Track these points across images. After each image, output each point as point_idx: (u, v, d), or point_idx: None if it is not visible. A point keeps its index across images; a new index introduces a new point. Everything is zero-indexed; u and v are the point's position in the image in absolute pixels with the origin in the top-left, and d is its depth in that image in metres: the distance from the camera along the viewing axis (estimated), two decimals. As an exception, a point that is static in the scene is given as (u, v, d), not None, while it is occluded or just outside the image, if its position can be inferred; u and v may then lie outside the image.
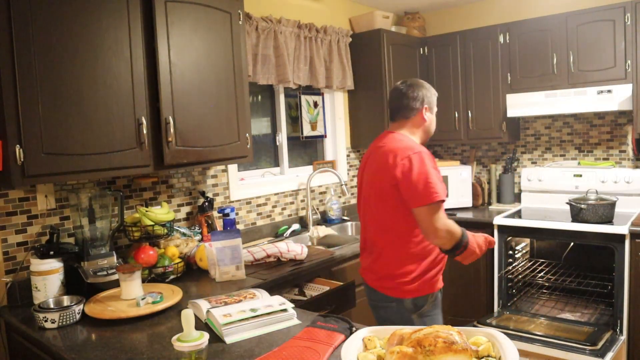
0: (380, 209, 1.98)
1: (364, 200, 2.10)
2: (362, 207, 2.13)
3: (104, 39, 1.94)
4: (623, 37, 3.11)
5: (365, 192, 2.08)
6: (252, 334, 1.60)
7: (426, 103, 2.07)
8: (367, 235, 2.10)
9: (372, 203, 2.01)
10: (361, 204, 2.13)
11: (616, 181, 3.38)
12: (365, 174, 2.10)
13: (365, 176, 2.09)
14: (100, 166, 1.94)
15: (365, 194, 2.08)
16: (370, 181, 2.03)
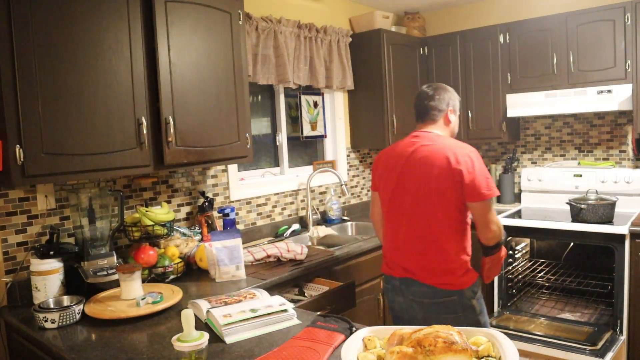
0: (438, 205, 2.01)
1: (411, 199, 2.06)
2: (405, 206, 2.08)
3: (104, 39, 1.94)
4: (623, 37, 3.11)
5: (413, 191, 2.05)
6: (252, 334, 1.60)
7: (451, 105, 2.19)
8: (416, 233, 2.06)
9: (428, 201, 2.02)
10: (403, 203, 2.09)
11: (616, 181, 3.38)
12: (408, 172, 2.07)
13: (408, 175, 2.07)
14: (100, 166, 1.94)
15: (413, 193, 2.05)
16: (423, 180, 2.02)
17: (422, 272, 2.06)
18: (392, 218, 2.16)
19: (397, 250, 2.15)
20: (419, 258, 2.07)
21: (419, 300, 2.08)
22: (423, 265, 2.06)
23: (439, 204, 2.01)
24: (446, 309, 2.02)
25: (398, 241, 2.14)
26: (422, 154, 2.06)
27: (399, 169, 2.12)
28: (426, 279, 2.05)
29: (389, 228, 2.19)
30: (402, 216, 2.11)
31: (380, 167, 2.22)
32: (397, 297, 2.15)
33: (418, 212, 2.06)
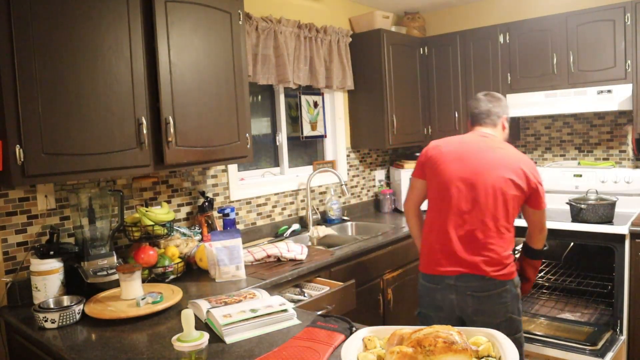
0: (503, 205, 2.14)
1: (476, 192, 2.14)
2: (468, 200, 2.15)
3: (104, 39, 1.94)
4: (623, 37, 3.11)
5: (482, 188, 2.14)
6: (252, 334, 1.60)
7: (505, 114, 2.38)
8: (472, 227, 2.14)
9: (492, 197, 2.14)
10: (466, 194, 2.15)
11: (616, 181, 3.38)
12: (481, 167, 2.16)
13: (481, 170, 2.16)
14: (100, 166, 1.94)
15: (482, 190, 2.14)
16: (494, 178, 2.14)
17: (481, 266, 2.13)
18: (448, 208, 2.18)
19: (453, 245, 2.16)
20: (477, 252, 2.14)
21: (477, 294, 2.14)
22: (483, 259, 2.13)
23: (505, 205, 2.14)
24: (499, 299, 2.14)
25: (453, 236, 2.16)
26: (498, 154, 2.20)
27: (471, 163, 2.19)
28: (486, 272, 2.13)
29: (440, 219, 2.20)
30: (462, 207, 2.16)
31: (440, 157, 2.24)
32: (450, 294, 2.18)
33: (478, 207, 2.14)
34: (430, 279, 2.24)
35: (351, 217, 3.74)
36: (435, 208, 2.25)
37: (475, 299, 2.15)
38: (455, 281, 2.16)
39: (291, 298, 2.32)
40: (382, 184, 4.18)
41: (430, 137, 4.03)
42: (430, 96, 3.99)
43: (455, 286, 2.16)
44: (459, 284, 2.16)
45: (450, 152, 2.24)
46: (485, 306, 2.15)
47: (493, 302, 2.15)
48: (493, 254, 2.13)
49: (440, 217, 2.21)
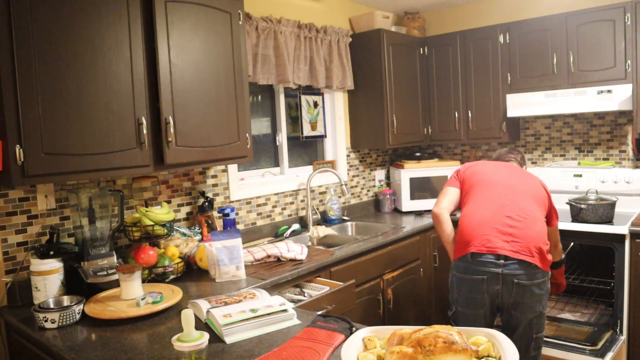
0: (537, 205, 2.42)
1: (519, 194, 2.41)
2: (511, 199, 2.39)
3: (104, 39, 1.94)
4: (623, 37, 3.11)
5: (521, 193, 2.42)
6: (252, 334, 1.60)
7: (525, 165, 2.79)
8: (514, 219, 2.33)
9: (531, 199, 2.42)
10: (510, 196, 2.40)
11: (616, 181, 3.38)
12: (508, 177, 2.50)
13: (510, 178, 2.50)
14: (100, 166, 1.94)
15: (521, 195, 2.41)
16: (524, 190, 2.44)
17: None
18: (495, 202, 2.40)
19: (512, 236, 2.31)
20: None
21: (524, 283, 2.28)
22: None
23: (539, 210, 2.41)
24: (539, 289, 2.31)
25: (507, 225, 2.32)
26: (525, 174, 2.57)
27: (506, 173, 2.53)
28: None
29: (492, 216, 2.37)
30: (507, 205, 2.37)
31: (477, 167, 2.59)
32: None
33: (526, 211, 2.36)
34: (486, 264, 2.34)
35: (351, 217, 3.75)
36: (478, 204, 2.44)
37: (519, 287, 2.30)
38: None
39: (291, 298, 2.32)
40: (382, 184, 4.18)
41: (430, 137, 4.03)
42: (430, 96, 3.99)
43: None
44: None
45: (486, 165, 2.62)
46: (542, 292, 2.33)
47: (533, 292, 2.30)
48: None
49: (484, 210, 2.39)
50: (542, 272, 2.28)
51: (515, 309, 2.28)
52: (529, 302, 2.28)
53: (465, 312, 2.37)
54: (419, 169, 3.83)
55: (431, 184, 3.82)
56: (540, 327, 2.34)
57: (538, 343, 2.35)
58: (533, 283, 2.25)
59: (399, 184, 3.84)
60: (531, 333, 2.32)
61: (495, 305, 2.32)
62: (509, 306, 2.28)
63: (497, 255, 2.25)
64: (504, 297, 2.27)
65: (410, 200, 3.82)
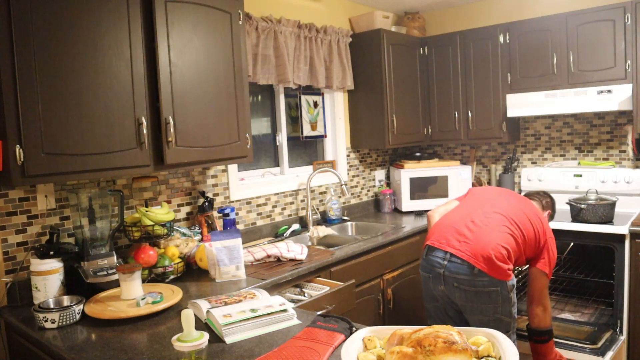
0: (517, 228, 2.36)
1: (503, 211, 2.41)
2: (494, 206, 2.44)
3: (104, 39, 1.94)
4: (623, 37, 3.11)
5: (500, 208, 2.42)
6: (252, 334, 1.60)
7: (551, 210, 2.73)
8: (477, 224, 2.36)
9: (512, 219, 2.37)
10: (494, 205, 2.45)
11: (616, 181, 3.38)
12: (503, 199, 2.50)
13: (503, 200, 2.49)
14: (100, 166, 1.94)
15: (499, 209, 2.42)
16: (506, 208, 2.42)
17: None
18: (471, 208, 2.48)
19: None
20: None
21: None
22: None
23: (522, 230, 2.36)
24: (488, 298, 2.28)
25: (463, 227, 2.37)
26: (528, 207, 2.47)
27: (507, 200, 2.50)
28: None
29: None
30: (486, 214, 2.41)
31: (481, 189, 2.69)
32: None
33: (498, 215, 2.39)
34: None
35: (351, 217, 3.74)
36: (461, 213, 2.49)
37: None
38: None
39: (291, 298, 2.32)
40: (382, 184, 4.18)
41: (430, 137, 4.03)
42: (430, 96, 3.99)
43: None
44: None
45: (496, 189, 2.65)
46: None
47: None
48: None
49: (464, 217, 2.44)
50: (490, 279, 2.20)
51: (464, 311, 2.33)
52: (477, 307, 2.25)
53: (426, 305, 2.53)
54: (419, 169, 3.83)
55: (431, 184, 3.82)
56: (503, 330, 2.23)
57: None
58: (477, 290, 2.21)
59: (399, 184, 3.84)
60: None
61: (452, 302, 2.37)
62: (460, 307, 2.34)
63: (444, 252, 2.32)
64: (451, 297, 2.34)
65: (410, 200, 3.82)
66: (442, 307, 2.43)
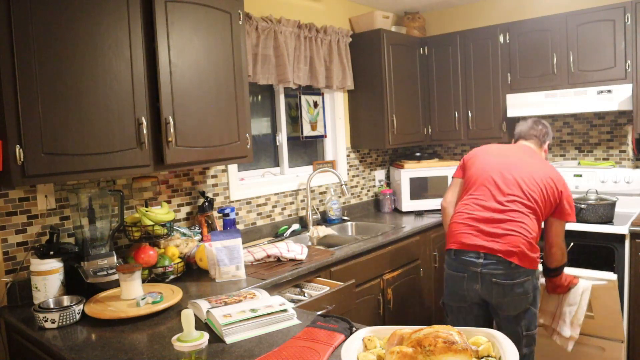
0: (531, 208, 2.37)
1: (516, 192, 2.38)
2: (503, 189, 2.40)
3: (104, 39, 1.94)
4: (623, 37, 3.11)
5: (513, 187, 2.39)
6: (252, 334, 1.60)
7: (549, 140, 2.70)
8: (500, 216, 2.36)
9: (527, 200, 2.37)
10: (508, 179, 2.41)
11: (616, 181, 3.38)
12: (519, 172, 2.42)
13: (519, 174, 2.41)
14: (100, 166, 1.94)
15: (512, 190, 2.38)
16: (530, 183, 2.38)
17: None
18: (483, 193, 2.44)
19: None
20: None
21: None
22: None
23: (533, 208, 2.36)
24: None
25: (486, 223, 2.37)
26: (534, 161, 2.48)
27: (508, 160, 2.47)
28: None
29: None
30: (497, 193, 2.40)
31: (477, 155, 2.58)
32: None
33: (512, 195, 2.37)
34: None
35: (351, 217, 3.75)
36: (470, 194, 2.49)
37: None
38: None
39: (291, 298, 2.32)
40: (382, 184, 4.18)
41: (430, 137, 4.03)
42: (430, 96, 3.99)
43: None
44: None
45: (488, 151, 2.58)
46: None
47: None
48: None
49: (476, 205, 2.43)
50: (524, 270, 2.28)
51: (499, 307, 2.35)
52: (512, 301, 2.31)
53: (450, 304, 2.51)
54: (419, 169, 3.83)
55: (431, 184, 3.82)
56: (530, 324, 2.36)
57: (530, 340, 2.38)
58: (514, 283, 2.28)
59: (399, 184, 3.84)
60: (520, 330, 2.35)
61: (482, 300, 2.38)
62: (493, 304, 2.35)
63: (477, 253, 2.33)
64: (485, 295, 2.34)
65: (410, 200, 3.82)
66: (468, 307, 2.44)
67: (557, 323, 2.68)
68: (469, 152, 2.69)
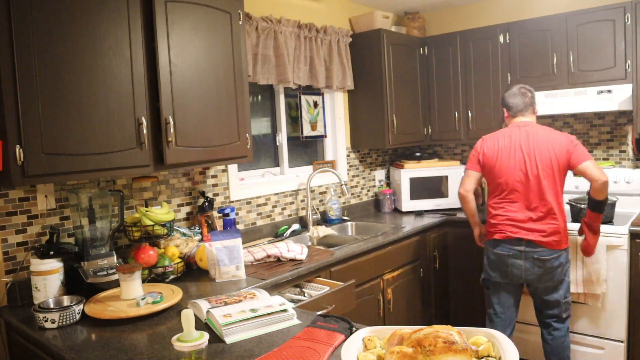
0: (558, 179, 2.68)
1: (536, 172, 2.66)
2: (534, 179, 2.66)
3: (104, 39, 1.94)
4: (623, 37, 3.11)
5: (541, 164, 2.65)
6: (252, 334, 1.60)
7: (535, 102, 2.89)
8: (539, 200, 2.66)
9: (547, 174, 2.66)
10: (533, 176, 2.66)
11: (616, 181, 3.38)
12: (529, 152, 2.67)
13: (531, 153, 2.67)
14: (100, 166, 1.94)
15: (541, 166, 2.65)
16: (541, 157, 2.65)
17: (538, 235, 2.65)
18: (526, 190, 2.68)
19: (524, 216, 2.68)
20: (539, 223, 2.66)
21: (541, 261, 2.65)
22: (540, 228, 2.66)
23: (560, 179, 2.68)
24: (555, 265, 2.67)
25: (527, 207, 2.68)
26: (540, 139, 2.68)
27: (521, 151, 2.69)
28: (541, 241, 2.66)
29: (517, 199, 2.70)
30: (534, 189, 2.66)
31: (493, 150, 2.77)
32: (519, 260, 2.67)
33: (544, 185, 2.65)
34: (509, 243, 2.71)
35: (351, 217, 3.75)
36: (503, 189, 2.74)
37: (541, 262, 2.67)
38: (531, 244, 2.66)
39: (291, 298, 2.32)
40: (382, 184, 4.18)
41: (430, 137, 4.03)
42: (430, 96, 3.99)
43: (532, 249, 2.65)
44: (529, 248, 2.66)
45: (502, 148, 2.74)
46: (550, 269, 2.67)
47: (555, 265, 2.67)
48: (555, 223, 2.64)
49: (512, 197, 2.71)
50: (562, 249, 2.65)
51: (540, 280, 2.67)
52: (551, 274, 2.65)
53: (495, 280, 2.78)
54: (419, 169, 3.83)
55: (431, 184, 3.82)
56: (567, 292, 2.73)
57: (567, 306, 2.76)
58: (551, 257, 2.63)
59: (399, 184, 3.84)
60: (560, 298, 2.71)
61: (522, 279, 2.69)
62: (533, 278, 2.66)
63: (519, 240, 2.66)
64: (528, 270, 2.65)
65: (410, 200, 3.82)
66: (508, 285, 2.78)
67: (587, 286, 2.95)
68: (481, 144, 2.84)
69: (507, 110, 2.86)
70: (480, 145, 2.85)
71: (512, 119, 2.85)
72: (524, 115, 2.82)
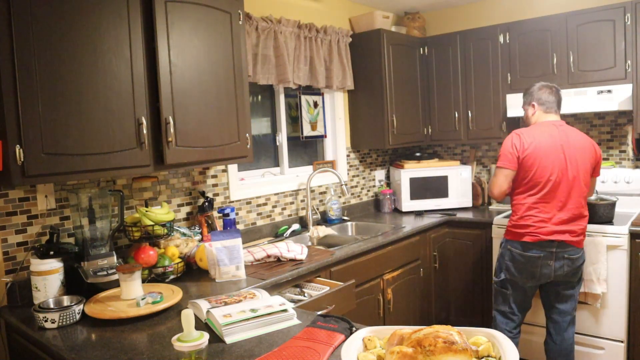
0: (586, 181, 2.70)
1: (575, 173, 2.66)
2: (573, 181, 2.65)
3: (104, 39, 1.93)
4: (623, 37, 3.11)
5: (580, 167, 2.66)
6: (252, 334, 1.60)
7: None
8: (573, 201, 2.65)
9: (583, 178, 2.68)
10: (573, 177, 2.65)
11: (616, 181, 3.38)
12: (570, 153, 2.65)
13: (571, 155, 2.65)
14: (101, 166, 1.94)
15: (579, 169, 2.66)
16: (581, 161, 2.67)
17: (569, 235, 2.66)
18: (562, 190, 2.65)
19: (555, 217, 2.65)
20: (570, 224, 2.66)
21: (571, 260, 2.67)
22: (572, 230, 2.66)
23: (586, 181, 2.71)
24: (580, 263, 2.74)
25: (558, 208, 2.65)
26: (577, 141, 2.69)
27: (562, 151, 2.65)
28: (574, 242, 2.68)
29: (553, 200, 2.66)
30: (567, 189, 2.64)
31: (533, 148, 2.66)
32: (550, 260, 2.65)
33: (576, 186, 2.66)
34: (540, 245, 2.68)
35: (351, 217, 3.75)
36: (539, 190, 2.67)
37: (572, 261, 2.69)
38: (562, 244, 2.66)
39: (291, 298, 2.32)
40: (382, 184, 4.18)
41: (430, 137, 4.03)
42: (430, 96, 3.99)
43: (562, 249, 2.65)
44: (560, 248, 2.65)
45: (539, 147, 2.65)
46: (578, 267, 2.73)
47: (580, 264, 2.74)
48: (583, 225, 2.70)
49: (548, 197, 2.66)
50: (581, 248, 2.73)
51: (568, 276, 2.69)
52: (577, 270, 2.71)
53: (520, 282, 2.73)
54: (419, 169, 3.83)
55: (431, 184, 3.82)
56: (579, 287, 2.83)
57: (576, 303, 2.84)
58: (579, 256, 2.68)
59: (399, 184, 3.84)
60: (577, 294, 2.80)
61: (551, 277, 2.68)
62: (563, 275, 2.68)
63: (551, 242, 2.64)
64: (557, 270, 2.66)
65: (410, 200, 3.82)
66: (535, 286, 2.77)
67: (587, 285, 2.97)
68: (519, 140, 2.67)
69: (540, 105, 2.77)
70: (520, 142, 2.67)
71: (543, 114, 2.77)
72: (557, 113, 2.80)
